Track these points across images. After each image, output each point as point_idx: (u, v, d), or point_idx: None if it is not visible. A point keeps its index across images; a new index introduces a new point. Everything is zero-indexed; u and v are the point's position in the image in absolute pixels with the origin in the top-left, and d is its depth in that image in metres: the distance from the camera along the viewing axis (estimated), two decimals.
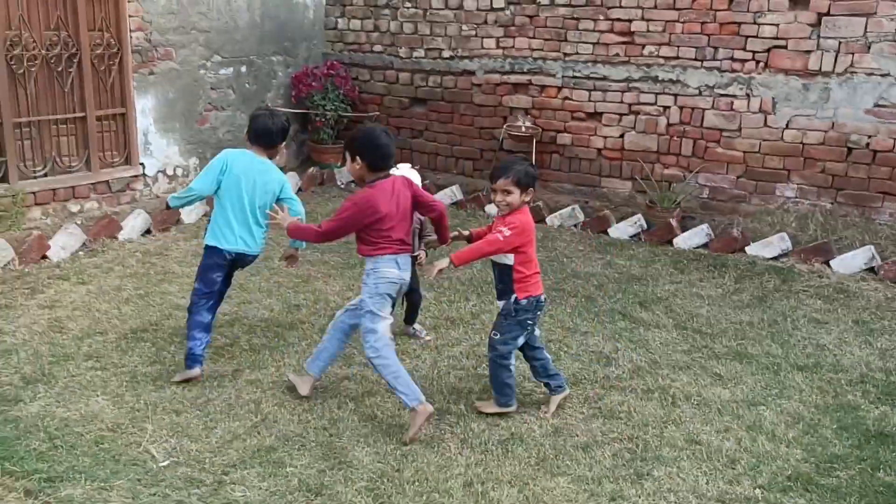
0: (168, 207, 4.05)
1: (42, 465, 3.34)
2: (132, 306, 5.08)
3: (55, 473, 3.28)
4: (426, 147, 8.21)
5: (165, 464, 3.40)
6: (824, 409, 4.09)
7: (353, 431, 3.74)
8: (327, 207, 7.57)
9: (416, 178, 4.37)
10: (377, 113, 8.48)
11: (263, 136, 4.22)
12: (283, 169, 8.18)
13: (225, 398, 3.98)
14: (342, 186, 8.30)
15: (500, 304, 3.93)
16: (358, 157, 3.75)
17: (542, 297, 3.92)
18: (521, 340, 3.89)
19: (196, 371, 4.08)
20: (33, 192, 5.95)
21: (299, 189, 8.03)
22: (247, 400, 3.98)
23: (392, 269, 3.76)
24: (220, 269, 4.17)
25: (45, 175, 6.13)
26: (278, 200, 4.24)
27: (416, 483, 3.35)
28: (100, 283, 5.41)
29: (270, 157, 4.28)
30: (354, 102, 8.41)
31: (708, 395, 4.19)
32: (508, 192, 3.77)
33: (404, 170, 4.44)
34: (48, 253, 5.76)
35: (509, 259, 3.85)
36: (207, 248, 4.17)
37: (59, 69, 6.08)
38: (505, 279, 3.87)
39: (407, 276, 3.85)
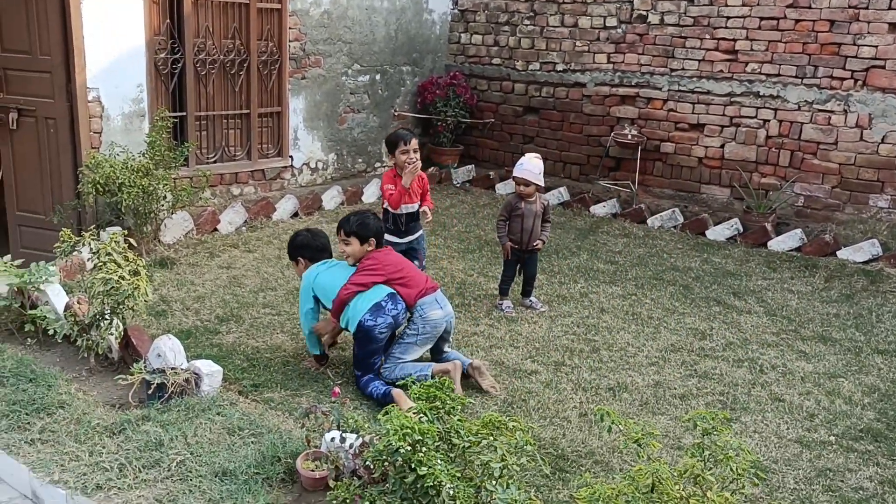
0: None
1: (246, 376, 4.26)
2: (292, 271, 5.98)
3: (258, 382, 4.20)
4: (536, 152, 8.94)
5: (339, 382, 4.26)
6: None
7: None
8: (445, 203, 8.42)
9: (539, 164, 5.23)
10: (492, 120, 9.31)
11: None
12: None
13: None
14: (458, 185, 9.14)
15: None
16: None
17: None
18: None
19: None
20: (206, 176, 7.00)
21: None
22: None
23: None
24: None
25: (216, 162, 7.20)
26: None
27: (540, 410, 4.10)
28: (263, 252, 6.40)
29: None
30: (472, 110, 9.26)
31: (793, 367, 4.78)
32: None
33: (530, 157, 5.29)
34: (218, 227, 6.82)
35: None
36: None
37: (232, 72, 7.15)
38: None
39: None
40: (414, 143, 5.09)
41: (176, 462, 3.30)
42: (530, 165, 5.39)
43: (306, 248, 4.47)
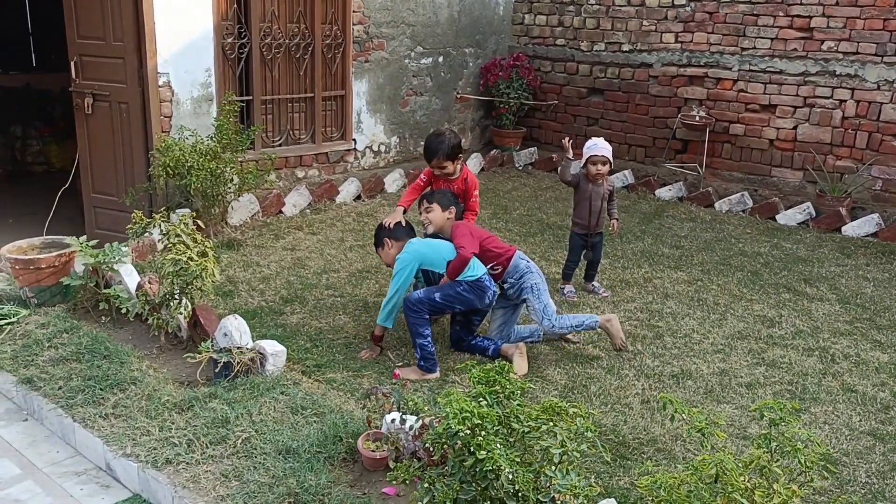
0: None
1: (309, 356, 4.33)
2: (355, 253, 6.09)
3: (320, 362, 4.27)
4: (601, 134, 8.78)
5: (400, 364, 4.30)
6: None
7: (545, 356, 4.50)
8: (507, 185, 8.39)
9: (608, 148, 5.17)
10: (556, 102, 9.19)
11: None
12: (468, 151, 9.15)
13: (440, 326, 4.84)
14: (520, 168, 9.08)
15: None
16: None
17: None
18: None
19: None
20: (271, 159, 7.11)
21: (482, 169, 8.91)
22: None
23: None
24: None
25: (281, 145, 7.30)
26: None
27: (601, 396, 4.06)
28: (326, 235, 6.49)
29: None
30: (535, 92, 9.17)
31: (867, 357, 4.61)
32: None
33: (601, 142, 5.23)
34: (283, 209, 6.94)
35: None
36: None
37: (297, 56, 7.23)
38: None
39: None
40: (435, 161, 4.82)
41: (241, 439, 3.38)
42: (604, 144, 5.34)
43: (395, 230, 4.61)
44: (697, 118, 7.92)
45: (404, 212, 4.83)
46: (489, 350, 4.44)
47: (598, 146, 5.33)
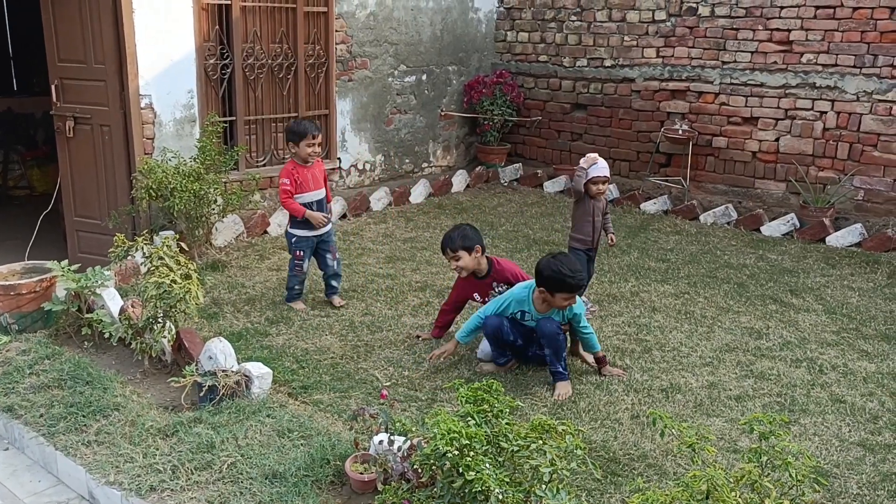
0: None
1: (296, 377, 4.29)
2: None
3: (307, 384, 4.22)
4: (585, 149, 8.81)
5: (388, 384, 4.26)
6: None
7: (535, 373, 4.47)
8: (493, 202, 8.39)
9: (607, 167, 5.22)
10: (540, 118, 9.23)
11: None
12: (452, 168, 9.15)
13: (430, 345, 4.80)
14: (505, 184, 9.09)
15: None
16: None
17: None
18: None
19: None
20: (255, 179, 7.08)
21: (467, 185, 8.91)
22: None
23: None
24: None
25: (265, 165, 7.27)
26: None
27: (591, 412, 4.04)
28: None
29: None
30: (519, 108, 9.20)
31: (854, 367, 4.61)
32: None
33: (602, 162, 5.23)
34: (268, 229, 6.90)
35: None
36: None
37: (280, 76, 7.22)
38: None
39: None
40: (318, 136, 5.26)
41: (227, 464, 3.33)
42: (604, 164, 5.31)
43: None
44: (680, 132, 7.97)
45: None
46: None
47: (599, 167, 5.28)
